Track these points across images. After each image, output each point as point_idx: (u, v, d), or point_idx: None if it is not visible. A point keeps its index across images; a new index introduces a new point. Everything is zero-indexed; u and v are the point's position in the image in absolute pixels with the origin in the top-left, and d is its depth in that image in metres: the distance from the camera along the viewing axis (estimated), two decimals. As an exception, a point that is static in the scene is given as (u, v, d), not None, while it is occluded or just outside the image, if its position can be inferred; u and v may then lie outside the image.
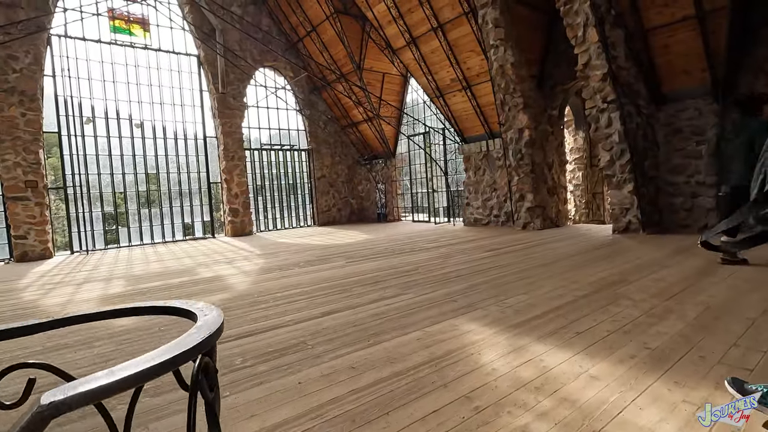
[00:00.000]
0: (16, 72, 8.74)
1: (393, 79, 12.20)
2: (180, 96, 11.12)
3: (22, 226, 8.77)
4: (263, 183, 12.71)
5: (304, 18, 11.56)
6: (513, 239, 7.36)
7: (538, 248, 6.14)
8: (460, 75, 9.34)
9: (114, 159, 10.20)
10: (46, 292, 5.08)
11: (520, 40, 8.02)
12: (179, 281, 5.22)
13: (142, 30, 10.59)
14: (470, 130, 10.34)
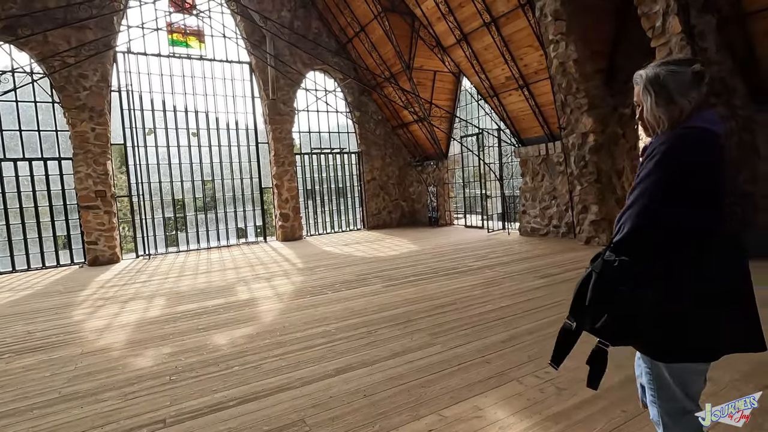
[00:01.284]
0: (86, 90, 9.39)
1: (445, 76, 11.56)
2: (233, 104, 11.39)
3: (94, 233, 9.49)
4: (313, 187, 12.74)
5: (353, 18, 11.27)
6: (573, 259, 6.57)
7: (601, 276, 5.36)
8: (515, 73, 8.53)
9: (173, 167, 10.70)
10: (94, 311, 5.31)
11: (585, 31, 7.08)
12: (214, 305, 5.21)
13: (198, 41, 10.94)
14: (527, 132, 9.47)
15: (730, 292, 1.27)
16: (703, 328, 1.26)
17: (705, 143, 1.28)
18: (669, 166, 1.25)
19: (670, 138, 1.28)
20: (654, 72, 1.34)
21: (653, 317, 1.25)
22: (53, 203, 9.46)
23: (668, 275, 1.24)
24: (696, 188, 1.25)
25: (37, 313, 5.35)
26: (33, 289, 7.14)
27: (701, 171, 1.26)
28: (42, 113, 9.39)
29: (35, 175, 9.25)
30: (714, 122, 1.31)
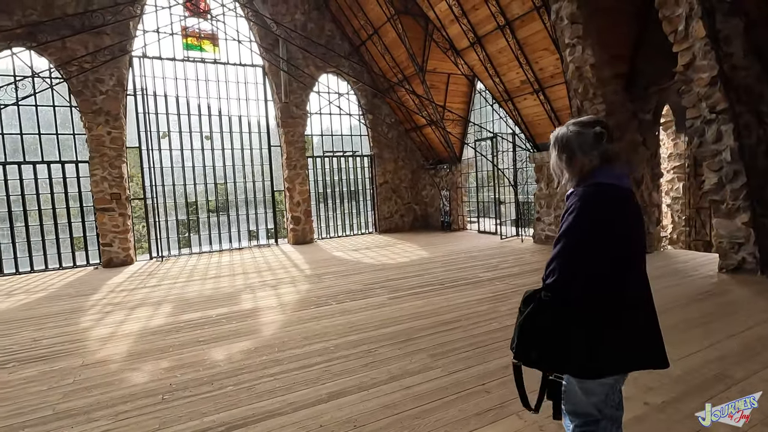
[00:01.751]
0: (102, 94, 9.54)
1: (459, 79, 11.36)
2: (246, 107, 11.43)
3: (108, 235, 9.65)
4: (325, 190, 12.71)
5: (366, 21, 11.17)
6: (586, 272, 6.32)
7: (615, 293, 5.13)
8: (530, 76, 8.29)
9: (186, 170, 10.80)
10: (102, 317, 5.35)
11: (604, 34, 6.81)
12: (217, 314, 5.19)
13: (212, 45, 11.01)
14: (543, 137, 9.21)
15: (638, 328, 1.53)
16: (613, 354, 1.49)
17: (613, 199, 1.49)
18: (582, 223, 1.46)
19: (582, 195, 1.49)
20: (561, 132, 1.58)
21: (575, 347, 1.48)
22: (70, 205, 9.65)
23: (588, 315, 1.47)
24: (607, 240, 1.46)
25: (46, 319, 5.43)
26: (47, 291, 7.28)
27: (610, 224, 1.47)
28: (60, 117, 9.59)
29: (53, 177, 9.45)
30: (622, 177, 1.52)
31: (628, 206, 1.52)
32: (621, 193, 1.50)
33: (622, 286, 1.49)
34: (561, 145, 1.57)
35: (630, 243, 1.53)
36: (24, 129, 9.20)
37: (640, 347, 1.54)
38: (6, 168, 9.08)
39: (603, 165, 1.51)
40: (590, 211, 1.46)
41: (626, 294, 1.51)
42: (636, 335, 1.53)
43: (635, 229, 1.56)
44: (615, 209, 1.49)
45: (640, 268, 1.56)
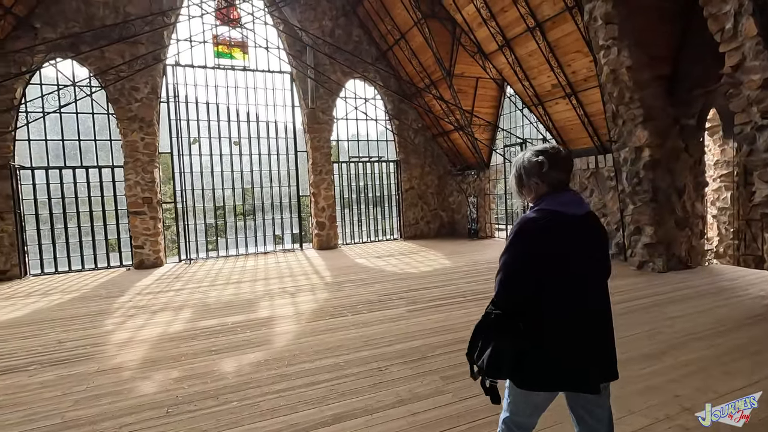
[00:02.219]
0: (137, 101, 9.90)
1: (487, 83, 11.06)
2: (274, 113, 11.59)
3: (140, 237, 9.97)
4: (350, 195, 12.67)
5: (393, 26, 11.08)
6: (620, 288, 5.92)
7: (649, 313, 4.74)
8: (562, 80, 7.93)
9: (215, 175, 11.03)
10: (124, 321, 5.46)
11: (642, 34, 6.40)
12: (234, 321, 5.18)
13: (242, 53, 11.22)
14: (575, 143, 8.80)
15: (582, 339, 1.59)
16: (548, 368, 1.57)
17: (552, 225, 1.57)
18: (513, 247, 1.59)
19: (519, 223, 1.60)
20: (519, 156, 1.72)
21: (516, 358, 1.58)
22: (106, 208, 10.05)
23: (526, 329, 1.57)
24: (542, 259, 1.55)
25: (74, 320, 5.60)
26: (80, 291, 7.56)
27: (538, 250, 1.56)
28: (98, 124, 10.01)
29: (91, 181, 9.87)
30: (567, 204, 1.60)
31: (573, 231, 1.59)
32: (563, 219, 1.58)
33: (556, 314, 1.58)
34: (515, 170, 1.72)
35: (570, 266, 1.58)
36: (66, 135, 9.66)
37: (579, 369, 1.59)
38: (48, 172, 9.57)
39: (551, 192, 1.62)
40: (523, 241, 1.58)
41: (562, 321, 1.58)
42: (577, 357, 1.59)
43: (583, 251, 1.61)
44: (552, 235, 1.57)
45: (586, 290, 1.61)
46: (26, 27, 9.01)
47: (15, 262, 9.15)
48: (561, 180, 1.63)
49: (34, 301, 6.89)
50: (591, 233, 1.64)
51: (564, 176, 1.64)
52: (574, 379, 1.59)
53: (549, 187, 1.62)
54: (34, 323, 5.56)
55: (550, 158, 1.61)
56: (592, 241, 1.64)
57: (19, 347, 4.61)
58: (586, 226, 1.63)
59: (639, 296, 5.49)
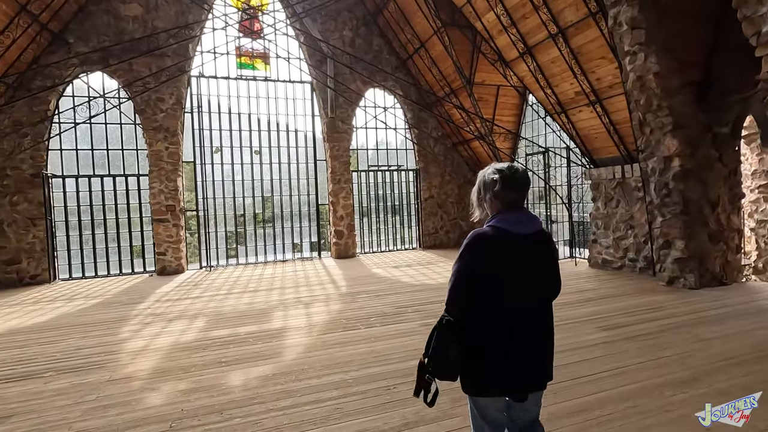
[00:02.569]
0: (162, 112, 10.19)
1: (508, 91, 10.86)
2: (294, 122, 11.71)
3: (163, 244, 10.19)
4: (369, 204, 12.63)
5: (413, 35, 11.06)
6: (649, 305, 5.61)
7: (679, 333, 4.44)
8: (586, 87, 7.67)
9: (236, 183, 11.20)
10: (141, 328, 5.53)
11: (671, 39, 6.12)
12: (246, 332, 5.16)
13: (264, 63, 11.42)
14: (600, 152, 8.49)
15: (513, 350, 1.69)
16: (493, 373, 1.70)
17: (493, 241, 1.67)
18: (462, 259, 1.70)
19: (468, 239, 1.71)
20: (481, 172, 1.84)
21: (462, 362, 1.71)
22: (131, 215, 10.33)
23: (475, 337, 1.71)
24: (482, 275, 1.67)
25: (94, 326, 5.71)
26: (103, 297, 7.75)
27: (484, 263, 1.67)
28: (126, 134, 10.34)
29: (118, 190, 10.18)
30: (512, 223, 1.69)
31: (518, 249, 1.69)
32: (510, 237, 1.68)
33: (498, 322, 1.70)
34: (476, 183, 1.84)
35: (511, 279, 1.69)
36: (95, 145, 10.02)
37: (517, 376, 1.72)
38: (78, 181, 9.93)
39: (504, 209, 1.73)
40: (471, 253, 1.69)
41: (503, 329, 1.69)
42: (515, 365, 1.71)
43: (525, 267, 1.71)
44: (498, 251, 1.68)
45: (526, 301, 1.72)
46: (60, 42, 9.42)
47: (45, 266, 9.50)
48: (514, 199, 1.74)
49: (59, 306, 7.09)
50: (536, 251, 1.75)
51: (517, 196, 1.74)
52: (513, 385, 1.74)
53: (503, 204, 1.74)
54: (56, 328, 5.70)
55: (505, 178, 1.72)
56: (537, 258, 1.75)
57: (39, 353, 4.71)
58: (532, 244, 1.73)
59: (669, 315, 5.18)
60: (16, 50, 8.42)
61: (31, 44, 8.73)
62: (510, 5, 7.89)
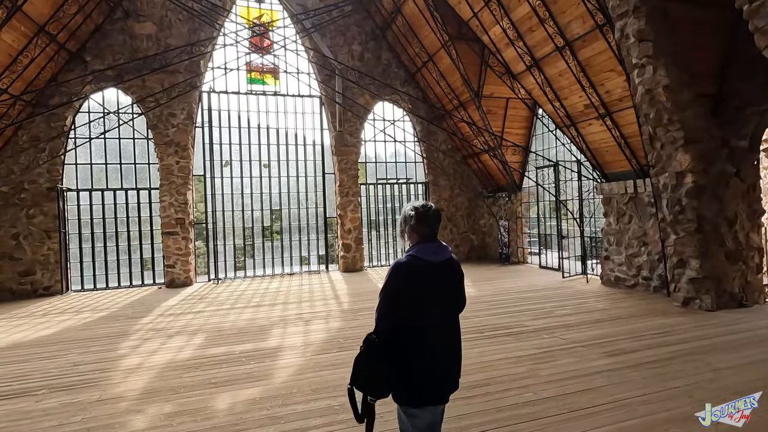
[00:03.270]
0: (174, 127, 10.39)
1: (518, 104, 10.71)
2: (303, 136, 11.78)
3: (172, 257, 10.30)
4: (377, 217, 12.56)
5: (421, 48, 11.06)
6: (660, 328, 5.34)
7: (690, 361, 4.18)
8: (595, 100, 7.49)
9: (245, 196, 11.30)
10: (139, 344, 5.54)
11: (682, 51, 5.92)
12: (241, 350, 5.11)
13: (273, 78, 11.57)
14: (611, 166, 8.25)
15: (433, 366, 1.96)
16: (425, 385, 1.95)
17: (412, 268, 1.94)
18: (388, 284, 1.97)
19: (393, 267, 1.99)
20: (405, 208, 2.10)
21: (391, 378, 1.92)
22: (142, 228, 10.50)
23: (399, 353, 1.94)
24: (405, 297, 1.95)
25: (94, 341, 5.75)
26: (110, 310, 7.84)
27: (406, 287, 1.95)
28: (138, 148, 10.57)
29: (130, 203, 10.37)
30: (427, 253, 1.97)
31: (431, 274, 1.97)
32: (425, 264, 1.96)
33: (423, 338, 1.96)
34: (399, 219, 2.14)
35: (426, 300, 1.97)
36: (109, 159, 10.26)
37: (436, 385, 1.98)
38: (92, 194, 10.16)
39: (421, 241, 2.03)
40: (394, 279, 1.96)
41: (424, 342, 1.96)
42: (434, 375, 1.96)
43: (438, 289, 2.00)
44: (415, 276, 1.94)
45: (443, 324, 2.03)
46: (77, 60, 9.74)
47: (58, 278, 9.69)
48: (427, 233, 2.04)
49: (66, 319, 7.20)
50: (446, 276, 2.05)
51: (429, 230, 2.04)
52: (434, 393, 1.99)
53: (419, 236, 2.04)
54: (59, 342, 5.76)
55: (419, 215, 2.03)
56: (447, 281, 2.06)
57: (37, 368, 4.75)
58: (443, 270, 2.02)
59: (681, 339, 4.90)
60: (34, 69, 8.73)
61: (49, 63, 9.05)
62: (516, 18, 7.81)
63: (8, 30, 7.61)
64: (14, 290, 9.41)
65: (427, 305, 1.98)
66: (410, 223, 2.04)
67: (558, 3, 6.97)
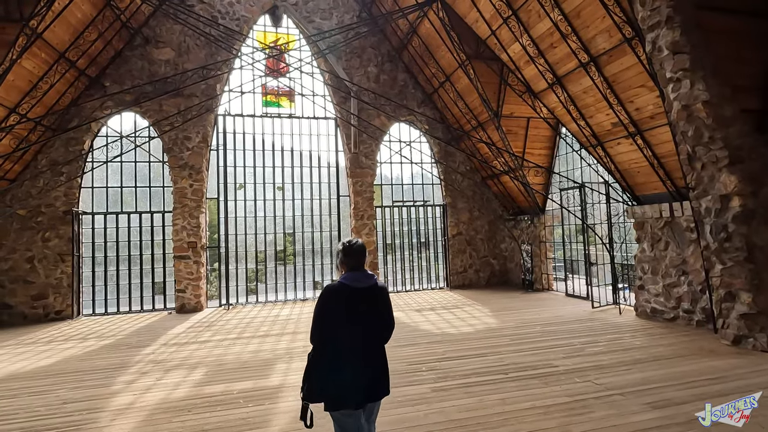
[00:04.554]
0: (188, 150, 10.36)
1: (540, 123, 10.27)
2: (318, 158, 11.59)
3: (183, 281, 10.09)
4: (393, 241, 12.14)
5: (437, 69, 10.84)
6: (711, 373, 4.67)
7: (754, 418, 3.53)
8: (624, 118, 7.01)
9: (258, 220, 11.09)
10: (136, 378, 5.21)
11: (722, 63, 5.44)
12: (240, 389, 4.71)
13: (289, 101, 11.51)
14: (643, 188, 7.68)
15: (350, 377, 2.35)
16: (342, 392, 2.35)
17: (336, 292, 2.41)
18: (317, 305, 2.43)
19: (325, 288, 2.46)
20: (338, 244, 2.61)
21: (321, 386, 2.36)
22: (155, 252, 10.37)
23: (325, 363, 2.38)
24: (328, 317, 2.39)
25: (90, 374, 5.46)
26: (115, 337, 7.60)
27: (329, 309, 2.40)
28: (153, 171, 10.57)
29: (143, 226, 10.29)
30: (352, 280, 2.44)
31: (355, 298, 2.41)
32: (350, 290, 2.41)
33: (343, 352, 2.39)
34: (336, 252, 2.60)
35: (349, 320, 2.40)
36: (124, 182, 10.27)
37: (354, 393, 2.36)
38: (106, 217, 10.13)
39: (349, 270, 2.49)
40: (323, 301, 2.41)
41: (342, 356, 2.38)
42: (353, 384, 2.36)
43: (361, 311, 2.42)
44: (339, 300, 2.40)
45: (363, 341, 2.44)
46: (97, 86, 9.90)
47: (70, 302, 9.59)
48: (353, 263, 2.48)
49: (70, 347, 6.97)
50: (368, 300, 2.43)
51: (355, 262, 2.48)
52: (351, 400, 2.33)
53: (348, 267, 2.48)
54: (55, 375, 5.50)
55: (345, 249, 2.49)
56: (367, 305, 2.43)
57: (23, 406, 4.46)
58: (365, 295, 2.43)
59: (739, 388, 4.22)
60: (54, 94, 8.86)
61: (69, 89, 9.19)
62: (536, 35, 7.47)
63: (28, 57, 7.73)
64: (26, 314, 9.33)
65: (347, 325, 2.39)
66: (340, 257, 2.52)
67: (581, 17, 6.61)
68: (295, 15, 11.37)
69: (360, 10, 11.68)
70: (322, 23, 11.45)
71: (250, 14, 11.08)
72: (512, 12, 7.56)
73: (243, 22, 10.99)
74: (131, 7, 9.36)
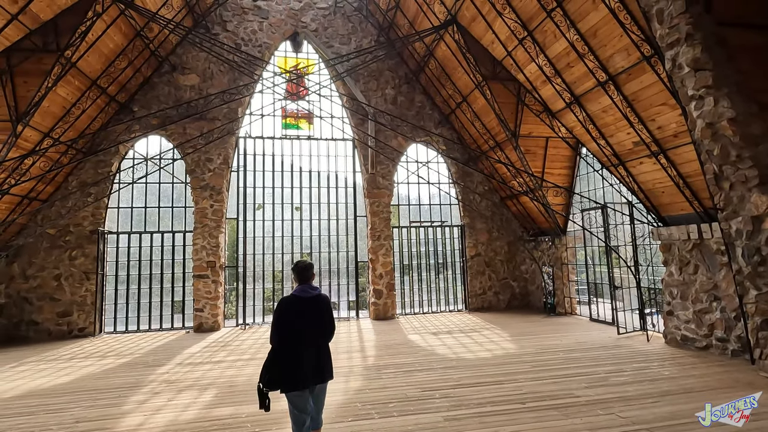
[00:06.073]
0: (210, 171, 10.63)
1: (559, 143, 10.10)
2: (336, 179, 11.69)
3: (201, 300, 10.20)
4: (411, 262, 12.01)
5: (454, 90, 10.89)
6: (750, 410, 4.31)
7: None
8: (646, 137, 6.82)
9: (276, 240, 11.19)
10: (148, 398, 5.22)
11: (746, 80, 5.23)
12: (249, 413, 4.64)
13: (308, 123, 11.74)
14: (669, 208, 7.39)
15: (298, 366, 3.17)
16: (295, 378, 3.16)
17: (288, 302, 3.26)
18: (275, 312, 3.25)
19: (279, 301, 3.28)
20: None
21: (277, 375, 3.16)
22: (175, 271, 10.56)
23: (279, 358, 3.18)
24: (283, 321, 3.21)
25: (105, 393, 5.51)
26: (133, 356, 7.68)
27: (283, 314, 3.22)
28: (176, 192, 10.86)
29: (165, 245, 10.53)
30: (300, 292, 3.30)
31: (301, 306, 3.26)
32: (297, 299, 3.27)
33: (294, 347, 3.20)
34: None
35: (296, 324, 3.22)
36: (148, 203, 10.58)
37: (303, 377, 3.18)
38: (130, 237, 10.42)
39: (300, 284, 3.35)
40: (278, 309, 3.24)
41: (293, 350, 3.19)
42: (302, 371, 3.17)
43: (305, 316, 3.26)
44: (291, 307, 3.24)
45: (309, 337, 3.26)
46: (126, 111, 10.35)
47: (92, 320, 9.81)
48: (301, 278, 3.35)
49: (89, 365, 7.08)
50: (312, 307, 3.29)
51: (302, 277, 3.35)
52: (301, 383, 3.16)
53: (299, 281, 3.36)
54: (72, 392, 5.57)
55: (294, 268, 3.39)
56: (312, 311, 3.29)
57: (39, 424, 4.51)
58: (309, 303, 3.29)
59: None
60: (85, 119, 9.31)
61: (99, 114, 9.64)
62: (552, 55, 7.43)
63: (63, 85, 8.18)
64: (51, 331, 9.58)
65: (296, 326, 3.21)
66: (292, 274, 3.39)
67: (598, 37, 6.55)
68: (315, 41, 11.72)
69: (378, 35, 11.95)
70: (340, 48, 11.75)
71: (271, 41, 11.48)
72: (527, 33, 7.56)
73: (265, 48, 11.38)
74: (159, 36, 9.85)
